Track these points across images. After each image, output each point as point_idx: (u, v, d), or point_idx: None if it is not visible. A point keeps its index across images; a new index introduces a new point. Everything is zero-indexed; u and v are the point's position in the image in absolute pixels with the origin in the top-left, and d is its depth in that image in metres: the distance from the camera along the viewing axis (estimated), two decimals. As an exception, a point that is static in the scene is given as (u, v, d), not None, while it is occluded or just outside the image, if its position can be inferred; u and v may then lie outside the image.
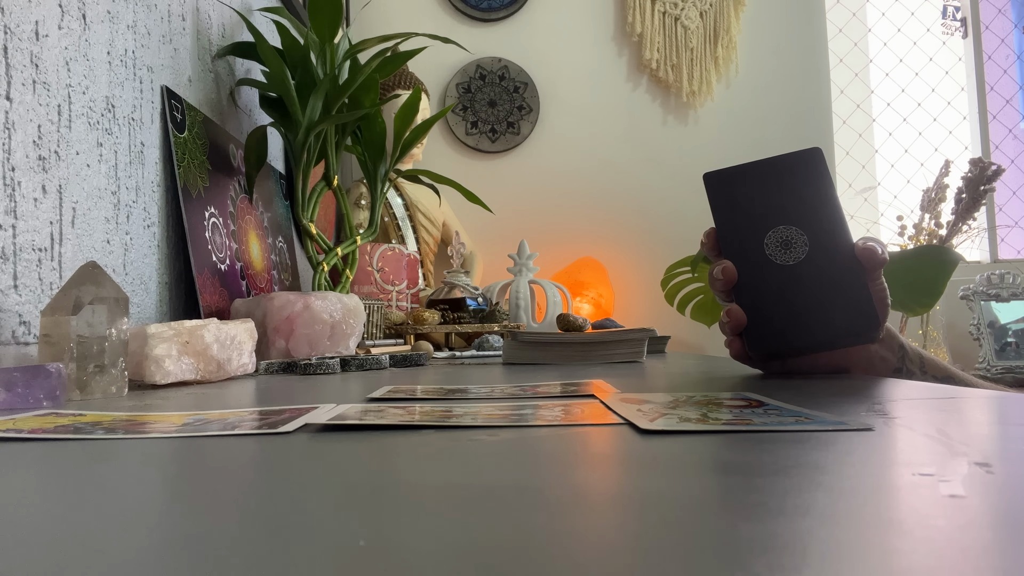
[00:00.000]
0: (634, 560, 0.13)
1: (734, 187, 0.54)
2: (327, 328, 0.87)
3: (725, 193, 0.54)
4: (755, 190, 0.53)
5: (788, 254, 0.51)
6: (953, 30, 2.64)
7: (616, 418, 0.32)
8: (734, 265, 0.52)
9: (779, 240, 0.52)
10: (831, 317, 0.50)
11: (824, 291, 0.50)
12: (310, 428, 0.31)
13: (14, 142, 0.61)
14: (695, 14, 2.41)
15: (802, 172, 0.53)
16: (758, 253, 0.52)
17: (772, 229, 0.52)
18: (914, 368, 0.56)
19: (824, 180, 0.53)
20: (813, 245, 0.51)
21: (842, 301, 0.50)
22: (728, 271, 0.51)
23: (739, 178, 0.54)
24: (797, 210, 0.52)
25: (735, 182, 0.54)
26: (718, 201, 0.54)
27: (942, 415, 0.31)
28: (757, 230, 0.52)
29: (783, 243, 0.52)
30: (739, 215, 0.53)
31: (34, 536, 0.16)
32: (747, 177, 0.54)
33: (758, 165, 0.54)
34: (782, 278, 0.51)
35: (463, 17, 2.38)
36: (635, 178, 2.39)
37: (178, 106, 0.94)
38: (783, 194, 0.53)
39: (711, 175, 0.55)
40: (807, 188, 0.53)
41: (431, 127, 1.41)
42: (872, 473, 0.20)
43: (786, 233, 0.52)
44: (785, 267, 0.51)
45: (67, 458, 0.25)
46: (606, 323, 1.50)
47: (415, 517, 0.17)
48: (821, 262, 0.51)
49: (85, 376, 0.50)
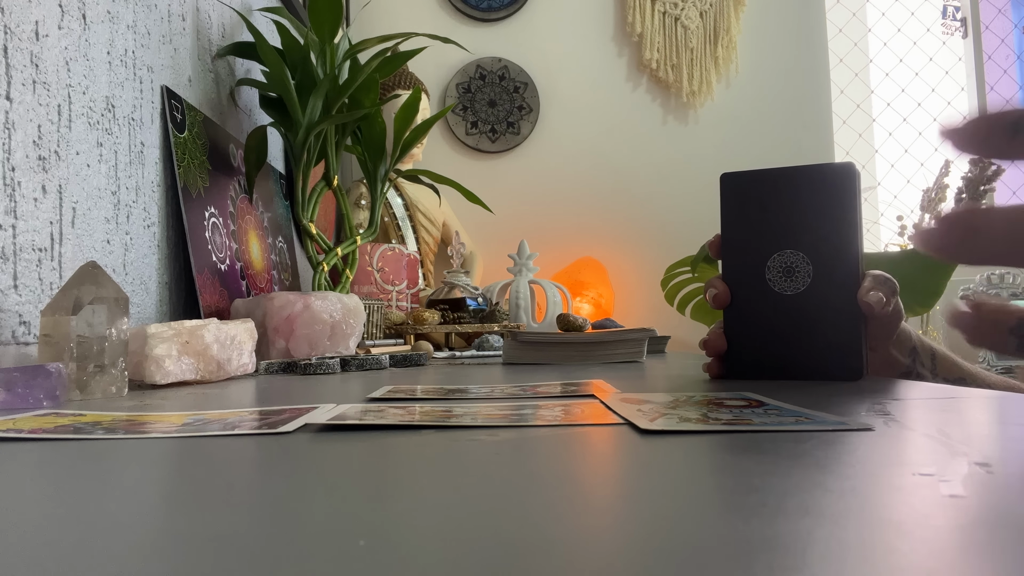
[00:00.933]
0: (634, 560, 0.13)
1: (748, 195, 0.51)
2: (327, 328, 0.87)
3: (738, 200, 0.51)
4: (770, 202, 0.50)
5: (788, 282, 0.49)
6: (953, 30, 2.64)
7: (616, 418, 0.32)
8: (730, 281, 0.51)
9: (782, 266, 0.49)
10: (816, 357, 0.49)
11: (816, 328, 0.49)
12: (310, 428, 0.31)
13: (14, 142, 0.61)
14: (695, 14, 2.41)
15: (826, 191, 0.49)
16: (758, 277, 0.50)
17: (778, 252, 0.50)
18: (925, 371, 0.55)
19: (847, 202, 0.49)
20: (817, 275, 0.49)
21: (832, 343, 0.48)
22: (720, 298, 0.51)
23: (756, 186, 0.51)
24: (809, 234, 0.49)
25: (751, 189, 0.51)
26: (729, 207, 0.52)
27: (942, 415, 0.31)
28: (762, 250, 0.50)
29: (786, 270, 0.49)
30: (747, 229, 0.51)
31: (34, 536, 0.16)
32: (765, 186, 0.51)
33: (782, 173, 0.51)
34: (777, 307, 0.49)
35: (463, 17, 2.38)
36: (635, 178, 2.39)
37: (178, 106, 0.94)
38: (798, 213, 0.49)
39: (728, 177, 0.52)
40: (826, 209, 0.49)
41: (431, 127, 1.41)
42: (872, 473, 0.20)
43: (791, 259, 0.49)
44: (783, 296, 0.49)
45: (67, 458, 0.25)
46: (606, 323, 1.50)
47: (415, 517, 0.17)
48: (820, 297, 0.48)
49: (85, 376, 0.50)
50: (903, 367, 0.55)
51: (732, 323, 0.51)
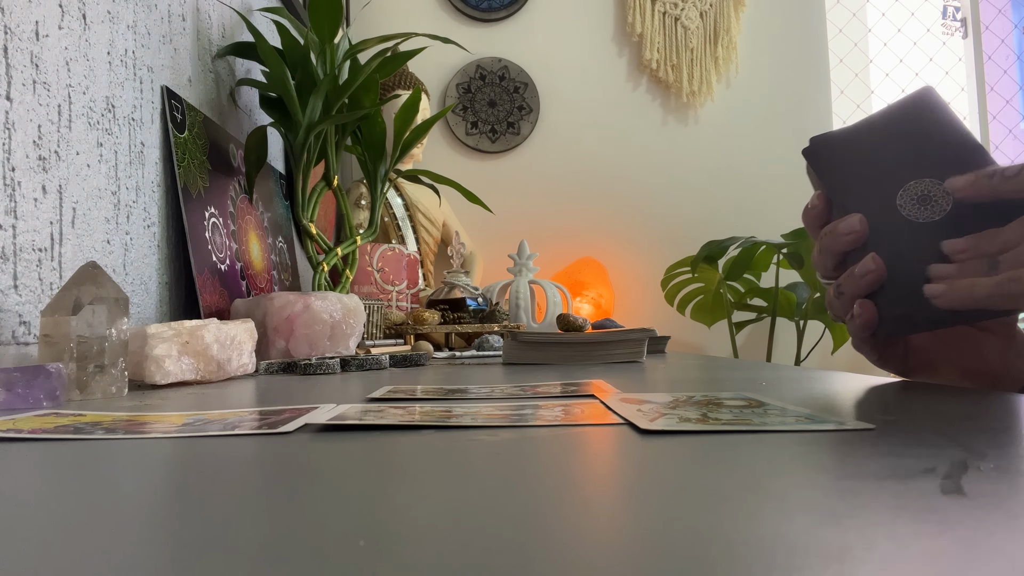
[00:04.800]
0: (634, 560, 0.13)
1: (846, 150, 0.46)
2: (327, 328, 0.87)
3: (836, 157, 0.46)
4: (872, 148, 0.45)
5: (928, 210, 0.42)
6: (953, 30, 2.63)
7: (616, 418, 0.32)
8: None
9: (915, 196, 0.43)
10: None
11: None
12: (310, 428, 0.31)
13: (14, 142, 0.61)
14: (695, 14, 2.41)
15: (921, 117, 0.44)
16: (891, 212, 0.43)
17: (903, 186, 0.43)
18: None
19: (948, 119, 0.44)
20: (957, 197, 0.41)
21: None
22: (854, 224, 0.42)
23: (848, 141, 0.46)
24: (929, 159, 0.43)
25: (845, 145, 0.46)
26: (828, 165, 0.46)
27: (942, 415, 0.31)
28: (885, 189, 0.43)
29: (920, 199, 0.42)
30: (857, 178, 0.44)
31: (34, 536, 0.16)
32: (859, 136, 0.46)
33: (868, 123, 0.46)
34: (923, 237, 0.42)
35: (463, 17, 2.38)
36: (635, 178, 2.39)
37: (178, 106, 0.94)
38: (908, 144, 0.44)
39: (816, 139, 0.47)
40: (933, 133, 0.43)
41: (431, 127, 1.41)
42: (872, 473, 0.20)
43: (921, 187, 0.42)
44: (928, 225, 0.42)
45: (67, 458, 0.25)
46: (606, 323, 1.50)
47: (415, 517, 0.17)
48: (968, 214, 0.41)
49: (85, 376, 0.50)
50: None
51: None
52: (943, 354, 0.48)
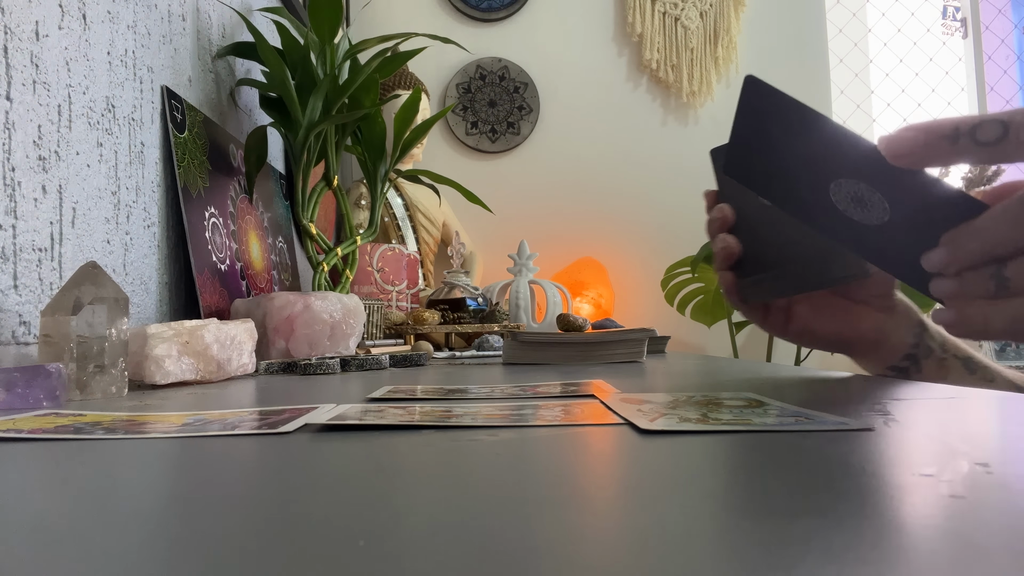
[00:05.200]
0: (634, 560, 0.13)
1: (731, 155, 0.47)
2: (327, 328, 0.87)
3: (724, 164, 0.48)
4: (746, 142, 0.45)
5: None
6: (953, 30, 2.64)
7: (616, 418, 0.32)
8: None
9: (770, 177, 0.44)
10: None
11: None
12: (310, 428, 0.31)
13: (14, 142, 0.61)
14: (695, 14, 2.41)
15: (763, 103, 0.42)
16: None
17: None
18: (935, 345, 0.53)
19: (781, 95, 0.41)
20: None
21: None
22: (718, 212, 0.53)
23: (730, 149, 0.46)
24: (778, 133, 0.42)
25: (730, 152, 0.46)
26: (721, 174, 0.51)
27: (942, 415, 0.31)
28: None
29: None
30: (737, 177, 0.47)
31: (34, 536, 0.16)
32: (736, 141, 0.46)
33: (736, 129, 0.45)
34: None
35: (463, 17, 2.38)
36: (635, 178, 2.39)
37: (178, 106, 0.94)
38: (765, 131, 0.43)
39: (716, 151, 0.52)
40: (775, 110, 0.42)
41: (431, 127, 1.41)
42: (872, 473, 0.20)
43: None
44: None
45: (67, 458, 0.25)
46: (606, 323, 1.49)
47: (415, 517, 0.17)
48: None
49: (85, 376, 0.50)
50: (908, 341, 0.53)
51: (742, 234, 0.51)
52: (818, 323, 0.54)
